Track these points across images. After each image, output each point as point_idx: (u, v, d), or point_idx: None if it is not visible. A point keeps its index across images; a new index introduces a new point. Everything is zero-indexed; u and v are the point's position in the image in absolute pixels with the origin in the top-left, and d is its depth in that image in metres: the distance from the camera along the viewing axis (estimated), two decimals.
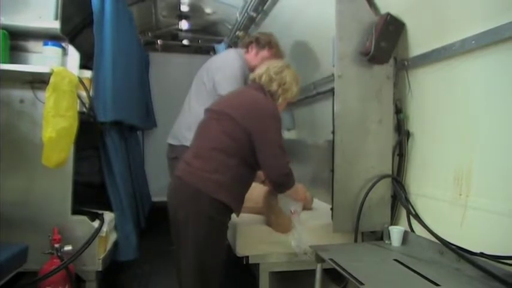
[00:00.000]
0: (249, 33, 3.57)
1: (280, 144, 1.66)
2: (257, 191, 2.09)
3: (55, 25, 1.97)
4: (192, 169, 1.64)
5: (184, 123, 2.49)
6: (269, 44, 2.51)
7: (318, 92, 2.80)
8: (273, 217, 2.06)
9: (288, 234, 1.93)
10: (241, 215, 1.80)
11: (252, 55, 2.56)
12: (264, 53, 2.52)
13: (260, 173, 1.83)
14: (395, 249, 1.73)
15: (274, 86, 1.80)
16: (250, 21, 3.31)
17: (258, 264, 2.04)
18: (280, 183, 1.71)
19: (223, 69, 2.45)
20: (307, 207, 2.46)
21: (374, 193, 1.88)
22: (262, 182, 2.10)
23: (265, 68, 1.84)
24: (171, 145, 2.56)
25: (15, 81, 2.00)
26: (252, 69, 2.39)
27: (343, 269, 1.43)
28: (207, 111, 1.82)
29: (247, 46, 2.58)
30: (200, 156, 1.66)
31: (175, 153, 2.43)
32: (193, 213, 1.61)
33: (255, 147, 1.64)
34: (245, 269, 2.17)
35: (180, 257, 1.68)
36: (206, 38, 4.78)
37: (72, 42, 2.17)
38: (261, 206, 2.17)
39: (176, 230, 1.68)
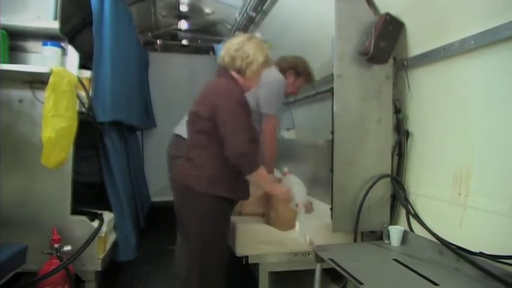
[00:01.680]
0: (249, 32, 3.58)
1: (239, 123, 1.62)
2: (254, 197, 2.09)
3: (54, 25, 1.97)
4: (182, 169, 1.73)
5: None
6: (306, 70, 2.48)
7: (317, 91, 2.81)
8: (273, 215, 2.06)
9: (288, 232, 1.93)
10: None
11: (290, 83, 2.47)
12: (300, 81, 2.50)
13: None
14: (395, 249, 1.73)
15: (237, 63, 1.74)
16: (249, 21, 3.31)
17: (258, 264, 2.05)
18: (240, 164, 1.65)
19: (269, 87, 2.30)
20: (307, 212, 2.44)
21: (373, 193, 1.88)
22: None
23: (226, 49, 1.79)
24: (179, 137, 2.30)
25: (15, 81, 1.99)
26: (286, 94, 2.47)
27: (343, 269, 1.43)
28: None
29: (284, 72, 2.46)
30: (186, 157, 1.75)
31: (180, 150, 2.28)
32: (190, 211, 1.68)
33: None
34: (245, 269, 2.17)
35: (182, 255, 1.71)
36: (205, 38, 4.79)
37: (71, 42, 2.17)
38: (260, 212, 2.19)
39: (179, 228, 1.73)
